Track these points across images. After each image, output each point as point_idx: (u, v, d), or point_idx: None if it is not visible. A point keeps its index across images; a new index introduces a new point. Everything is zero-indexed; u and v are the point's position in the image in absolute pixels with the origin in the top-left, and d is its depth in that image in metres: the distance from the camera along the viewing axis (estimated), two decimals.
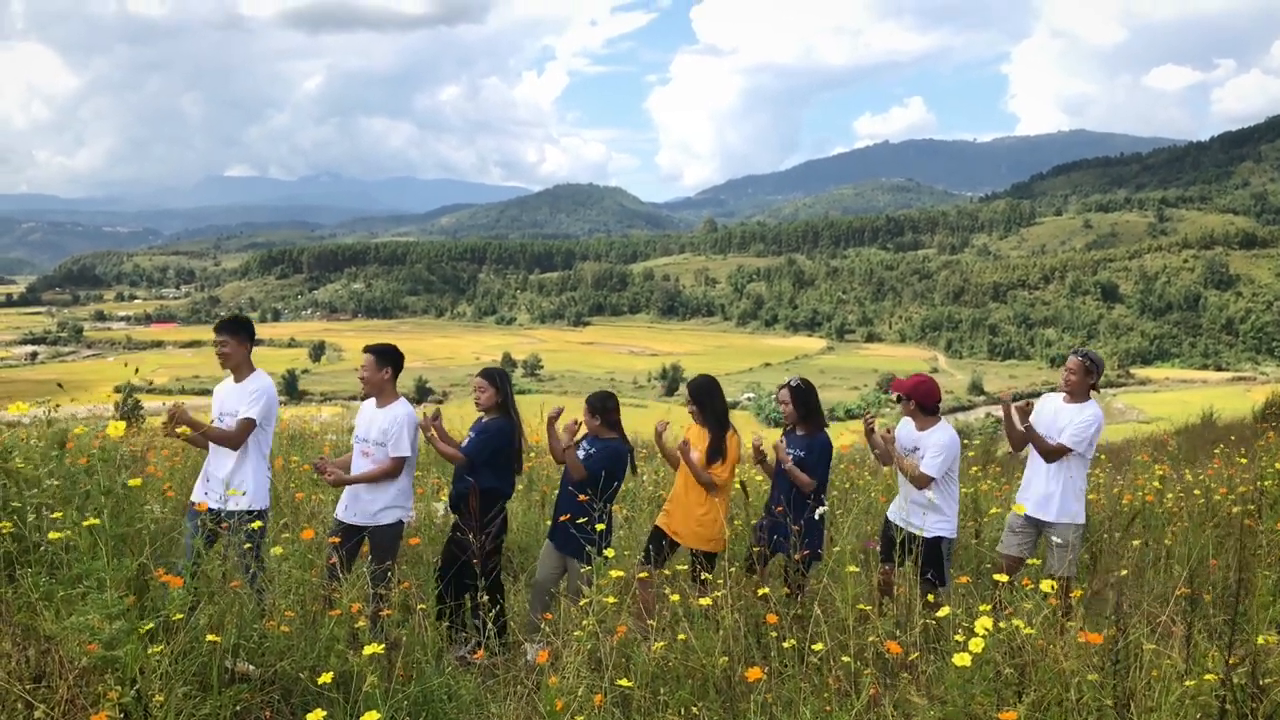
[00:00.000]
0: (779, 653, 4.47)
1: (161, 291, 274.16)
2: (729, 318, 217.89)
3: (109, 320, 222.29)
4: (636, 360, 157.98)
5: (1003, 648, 3.91)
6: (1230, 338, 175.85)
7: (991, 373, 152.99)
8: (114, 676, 3.63)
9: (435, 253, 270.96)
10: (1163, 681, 3.52)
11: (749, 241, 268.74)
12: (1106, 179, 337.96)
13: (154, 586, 4.27)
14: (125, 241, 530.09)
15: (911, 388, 6.42)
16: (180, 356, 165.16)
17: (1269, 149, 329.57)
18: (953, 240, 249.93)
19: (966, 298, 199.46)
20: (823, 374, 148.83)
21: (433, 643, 5.25)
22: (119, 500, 4.45)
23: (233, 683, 4.29)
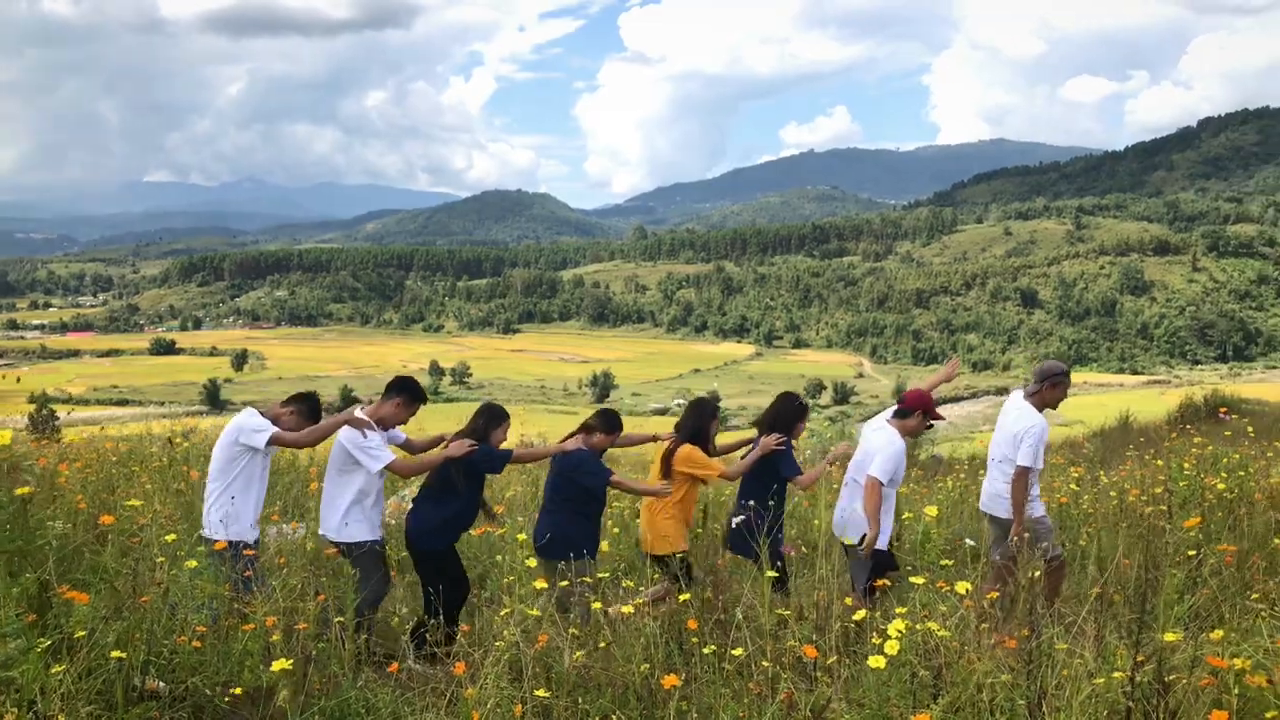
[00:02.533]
0: (699, 659, 4.46)
1: (78, 299, 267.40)
2: (659, 324, 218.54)
3: (22, 329, 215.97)
4: (567, 367, 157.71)
5: (919, 650, 3.96)
6: (1145, 342, 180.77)
7: (915, 378, 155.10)
8: (11, 698, 3.50)
9: (361, 259, 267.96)
10: (1073, 680, 3.57)
11: (678, 249, 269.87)
12: (1026, 187, 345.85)
13: (57, 603, 4.14)
14: (40, 248, 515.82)
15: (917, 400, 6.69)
16: (98, 366, 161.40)
17: (1180, 159, 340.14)
18: (877, 248, 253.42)
19: (891, 304, 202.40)
20: (751, 380, 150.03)
21: (350, 655, 5.16)
22: (11, 515, 4.30)
23: (141, 700, 4.17)
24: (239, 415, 6.07)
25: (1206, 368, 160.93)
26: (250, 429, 5.88)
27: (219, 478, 5.90)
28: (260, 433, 5.86)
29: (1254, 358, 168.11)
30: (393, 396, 6.29)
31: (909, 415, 6.59)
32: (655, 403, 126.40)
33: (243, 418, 6.01)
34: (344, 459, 6.08)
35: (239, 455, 5.89)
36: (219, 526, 5.80)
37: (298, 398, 6.29)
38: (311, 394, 6.44)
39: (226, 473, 5.89)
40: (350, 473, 6.06)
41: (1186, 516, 6.81)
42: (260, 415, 6.01)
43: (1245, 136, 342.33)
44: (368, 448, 5.95)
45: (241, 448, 5.89)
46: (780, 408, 6.82)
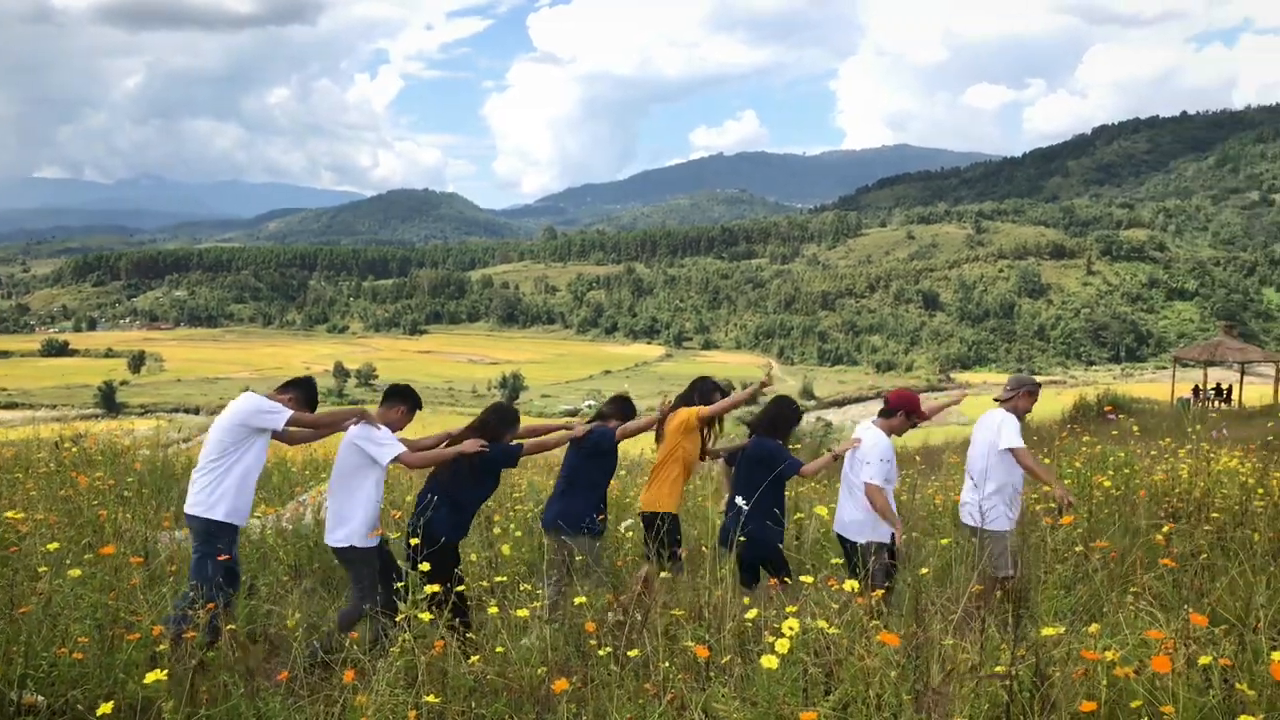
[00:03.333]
0: (596, 661, 4.46)
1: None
2: (569, 326, 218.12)
3: None
4: (476, 369, 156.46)
5: (812, 648, 4.00)
6: (1042, 343, 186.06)
7: (821, 378, 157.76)
8: None
9: (263, 259, 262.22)
10: (958, 675, 3.65)
11: (589, 250, 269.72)
12: (928, 192, 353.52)
13: None
14: None
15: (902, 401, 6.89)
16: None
17: (1075, 165, 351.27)
18: (784, 250, 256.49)
19: (797, 306, 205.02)
20: (662, 381, 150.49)
21: (240, 664, 5.05)
22: None
23: (18, 716, 4.03)
24: (243, 399, 6.00)
25: (1100, 368, 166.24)
26: (265, 411, 5.86)
27: (218, 459, 5.84)
28: (277, 414, 5.85)
29: (1145, 358, 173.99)
30: (395, 404, 6.32)
31: (893, 415, 6.78)
32: (565, 404, 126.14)
33: (251, 400, 5.96)
34: (353, 459, 6.07)
35: (244, 438, 5.86)
36: (211, 506, 5.77)
37: (294, 384, 6.28)
38: (308, 378, 6.41)
39: (227, 455, 5.84)
40: (359, 476, 6.04)
41: (1070, 514, 7.01)
42: (260, 396, 5.99)
43: (1137, 145, 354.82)
44: (379, 439, 6.00)
45: (247, 429, 5.85)
46: (777, 412, 7.05)
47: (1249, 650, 3.56)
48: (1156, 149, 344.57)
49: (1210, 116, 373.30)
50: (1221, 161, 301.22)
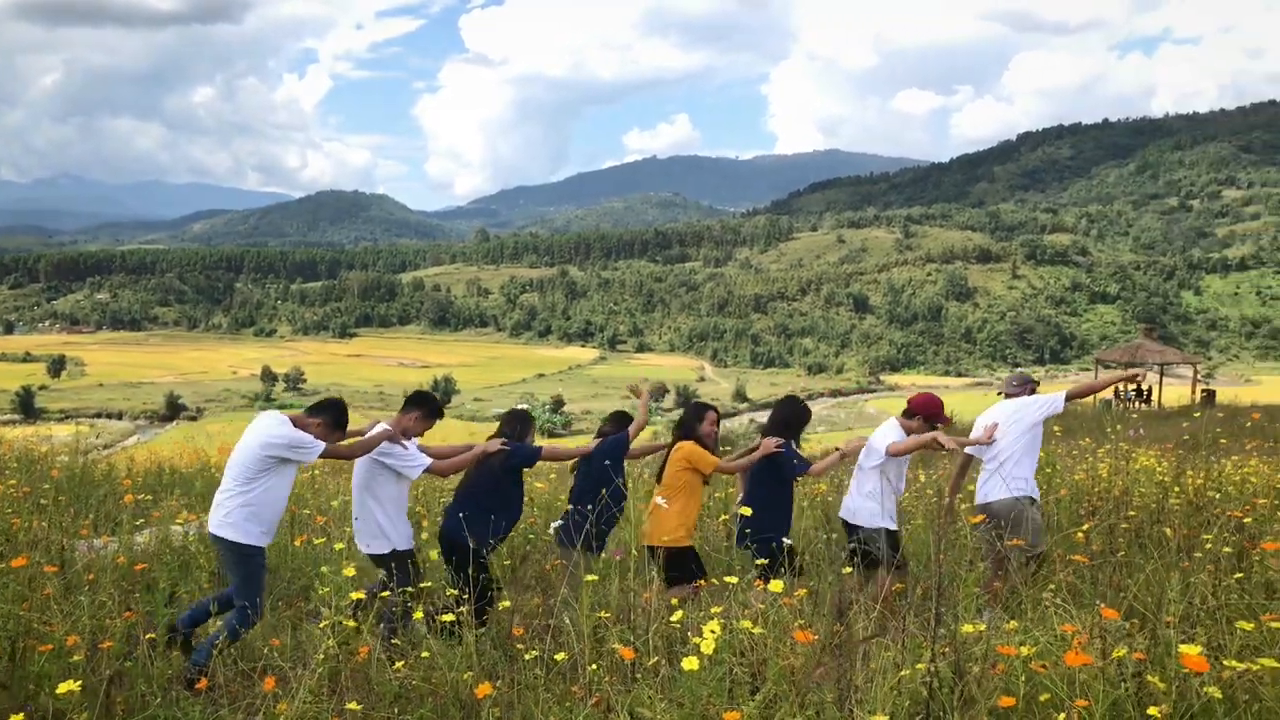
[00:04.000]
0: (523, 665, 4.44)
1: None
2: (502, 329, 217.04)
3: None
4: (407, 373, 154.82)
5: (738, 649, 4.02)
6: (969, 346, 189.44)
7: (754, 380, 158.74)
8: None
9: (188, 261, 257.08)
10: (880, 672, 3.69)
11: (522, 252, 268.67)
12: (858, 196, 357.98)
13: None
14: None
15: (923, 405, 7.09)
16: None
17: (1001, 171, 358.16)
18: (717, 254, 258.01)
19: (730, 309, 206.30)
20: (596, 384, 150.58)
21: (160, 673, 4.94)
22: None
23: None
24: (270, 423, 5.86)
25: (1025, 371, 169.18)
26: (297, 446, 5.75)
27: (243, 483, 5.75)
28: (309, 450, 5.77)
29: (1069, 360, 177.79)
30: (411, 410, 6.33)
31: (913, 417, 6.99)
32: (499, 408, 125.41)
33: (283, 429, 5.80)
34: (375, 470, 6.17)
35: (271, 466, 5.76)
36: (237, 529, 5.70)
37: (324, 407, 6.17)
38: (338, 401, 6.32)
39: (252, 480, 5.75)
40: (385, 486, 6.18)
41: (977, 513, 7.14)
42: (291, 424, 5.84)
43: (1060, 151, 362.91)
44: (404, 457, 6.12)
45: (275, 460, 5.75)
46: (789, 412, 7.12)
47: (1161, 644, 3.65)
48: (1079, 155, 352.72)
49: (1131, 124, 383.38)
50: (1142, 168, 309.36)
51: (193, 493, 10.62)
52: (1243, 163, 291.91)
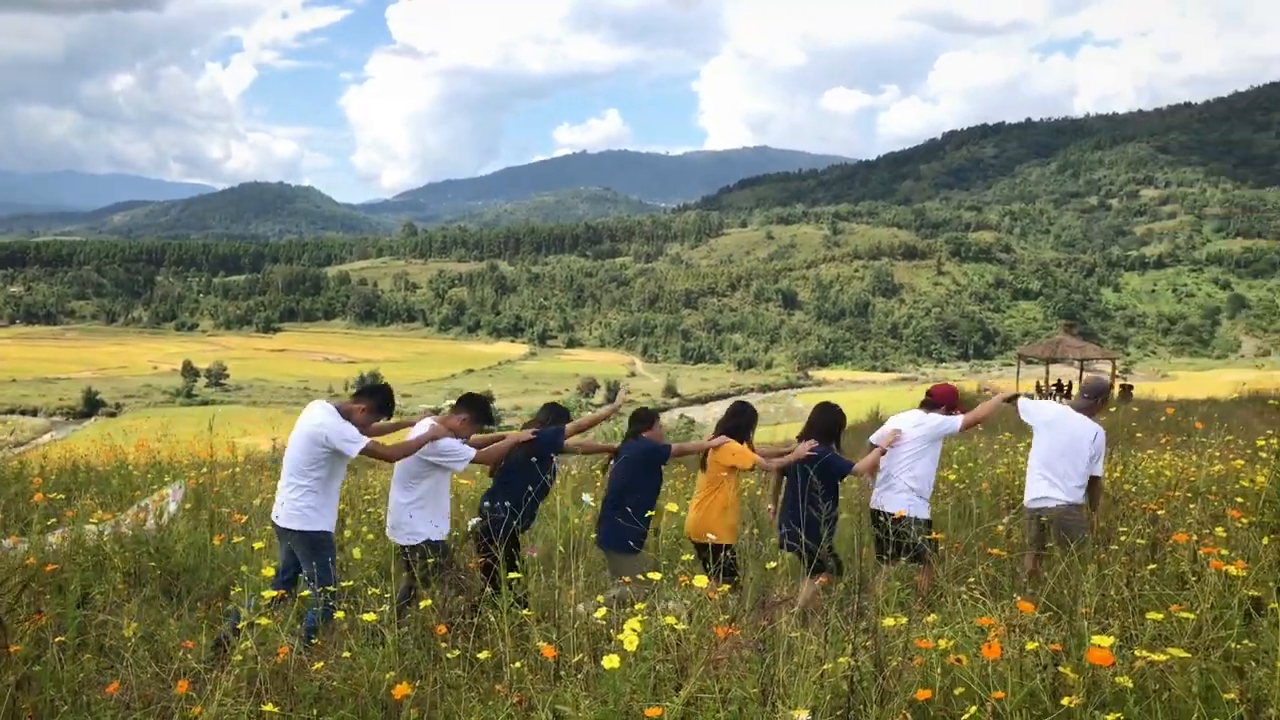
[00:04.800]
0: (446, 664, 4.39)
1: None
2: (430, 324, 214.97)
3: None
4: (332, 368, 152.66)
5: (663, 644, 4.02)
6: (895, 341, 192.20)
7: (684, 376, 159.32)
8: None
9: (107, 253, 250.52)
10: (803, 666, 3.71)
11: (450, 246, 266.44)
12: (786, 193, 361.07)
13: None
14: None
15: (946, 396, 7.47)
16: None
17: (926, 169, 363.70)
18: (648, 249, 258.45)
19: (661, 304, 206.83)
20: (526, 379, 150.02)
21: (70, 678, 4.80)
22: None
23: None
24: (319, 414, 6.04)
25: (950, 365, 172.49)
26: (341, 438, 5.89)
27: (299, 474, 5.96)
28: (353, 444, 5.90)
29: (992, 355, 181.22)
30: (461, 412, 6.60)
31: (937, 408, 7.31)
32: (426, 404, 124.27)
33: (329, 419, 5.98)
34: (417, 464, 6.35)
35: (323, 455, 5.94)
36: (304, 518, 5.89)
37: (369, 392, 6.40)
38: (384, 387, 6.55)
39: (307, 471, 5.94)
40: (428, 480, 6.38)
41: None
42: (339, 414, 6.03)
43: (984, 150, 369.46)
44: (449, 452, 6.31)
45: (326, 450, 5.92)
46: (828, 419, 7.31)
47: (1076, 635, 3.71)
48: (1003, 154, 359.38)
49: (1053, 124, 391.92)
50: (1063, 167, 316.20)
51: (109, 491, 10.35)
52: (1160, 163, 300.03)
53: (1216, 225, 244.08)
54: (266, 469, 12.60)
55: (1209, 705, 3.19)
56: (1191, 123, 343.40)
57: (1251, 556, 4.62)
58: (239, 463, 11.73)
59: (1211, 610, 3.93)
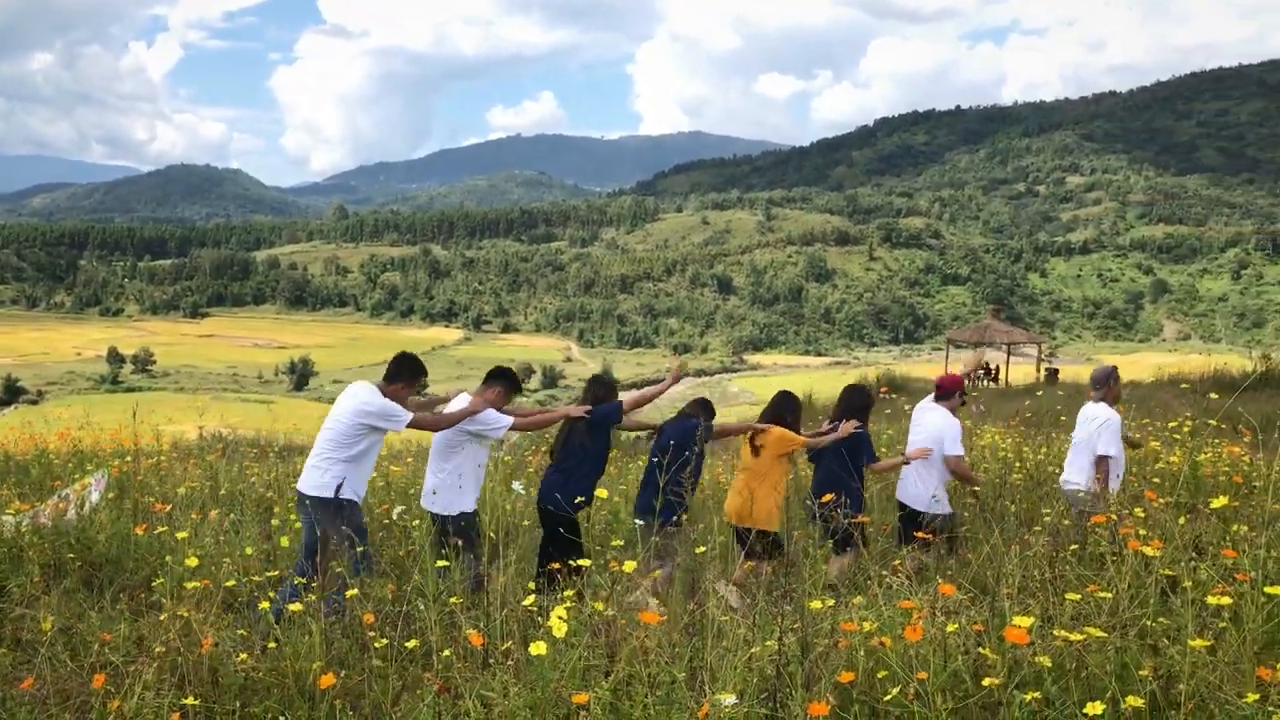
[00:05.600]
0: (373, 653, 4.35)
1: None
2: (362, 309, 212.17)
3: None
4: (262, 354, 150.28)
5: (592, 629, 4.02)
6: (828, 326, 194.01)
7: (620, 360, 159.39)
8: None
9: (26, 236, 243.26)
10: (731, 650, 3.73)
11: (382, 230, 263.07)
12: (721, 179, 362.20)
13: None
14: None
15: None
16: None
17: (859, 155, 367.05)
18: (584, 234, 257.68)
19: (597, 289, 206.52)
20: (460, 364, 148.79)
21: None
22: None
23: None
24: (362, 391, 6.30)
25: (881, 350, 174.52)
26: (387, 413, 6.14)
27: (336, 448, 6.15)
28: (399, 419, 6.16)
29: (922, 340, 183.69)
30: (494, 385, 6.85)
31: (951, 396, 7.79)
32: None
33: (374, 398, 6.21)
34: (457, 436, 6.60)
35: (364, 433, 6.16)
36: (329, 486, 6.05)
37: (400, 370, 6.60)
38: (414, 360, 6.80)
39: (345, 445, 6.14)
40: (464, 451, 6.62)
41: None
42: (381, 393, 6.27)
43: (915, 137, 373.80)
44: (487, 422, 6.53)
45: (366, 427, 6.15)
46: (860, 401, 7.73)
47: (999, 616, 3.78)
48: (933, 141, 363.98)
49: (982, 111, 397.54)
50: (992, 155, 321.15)
51: (28, 481, 10.10)
52: (1085, 150, 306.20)
53: (1140, 212, 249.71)
54: (193, 456, 12.38)
55: (1123, 682, 3.24)
56: (1116, 111, 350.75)
57: (1167, 536, 4.74)
58: (164, 451, 11.51)
59: (1129, 590, 4.03)
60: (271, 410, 26.14)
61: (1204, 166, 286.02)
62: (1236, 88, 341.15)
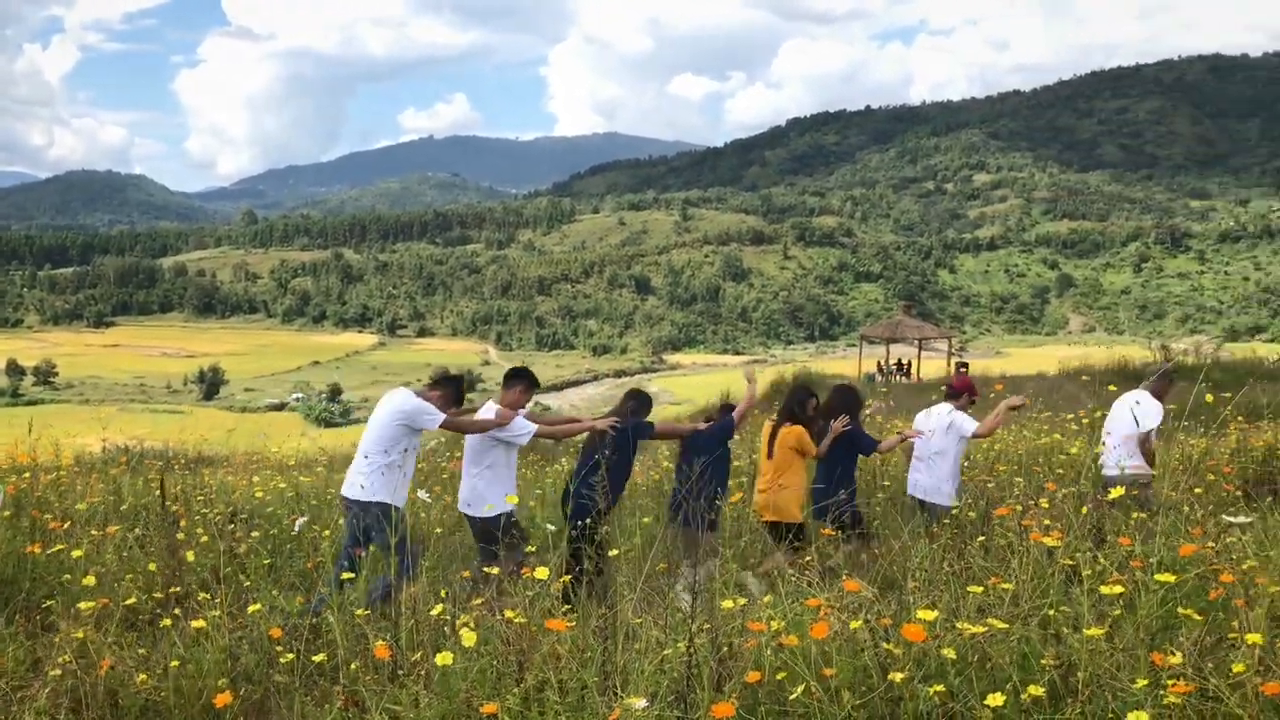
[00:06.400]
0: (280, 667, 4.25)
1: None
2: (273, 315, 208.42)
3: None
4: (170, 363, 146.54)
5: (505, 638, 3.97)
6: (746, 325, 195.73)
7: (540, 363, 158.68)
8: None
9: None
10: (643, 653, 3.72)
11: (293, 235, 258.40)
12: (637, 179, 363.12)
13: None
14: None
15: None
16: None
17: (772, 155, 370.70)
18: (500, 236, 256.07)
19: (514, 291, 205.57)
20: (375, 370, 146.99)
21: None
22: None
23: None
24: (401, 397, 6.58)
25: (798, 347, 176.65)
26: (423, 412, 6.42)
27: (380, 452, 6.38)
28: (433, 417, 6.43)
29: (837, 337, 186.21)
30: (514, 385, 7.10)
31: (960, 395, 8.22)
32: (271, 398, 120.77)
33: (410, 401, 6.49)
34: (484, 444, 6.89)
35: (402, 434, 6.39)
36: (379, 494, 6.28)
37: (443, 382, 6.96)
38: (457, 377, 7.27)
39: (391, 448, 6.37)
40: (496, 455, 6.87)
41: (744, 490, 7.37)
42: (418, 397, 6.57)
43: (826, 137, 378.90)
44: (512, 428, 6.78)
45: (405, 429, 6.40)
46: (849, 400, 7.89)
47: (905, 610, 3.82)
48: (844, 141, 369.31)
49: (891, 111, 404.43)
50: (901, 154, 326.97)
51: None
52: (991, 149, 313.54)
53: (1044, 208, 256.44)
54: (96, 470, 12.01)
55: (1025, 672, 3.30)
56: (1020, 109, 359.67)
57: (1069, 526, 4.84)
58: (65, 466, 11.14)
59: (1031, 580, 4.11)
60: (181, 420, 25.66)
61: (1105, 163, 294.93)
62: (1134, 87, 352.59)
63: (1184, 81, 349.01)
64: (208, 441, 16.90)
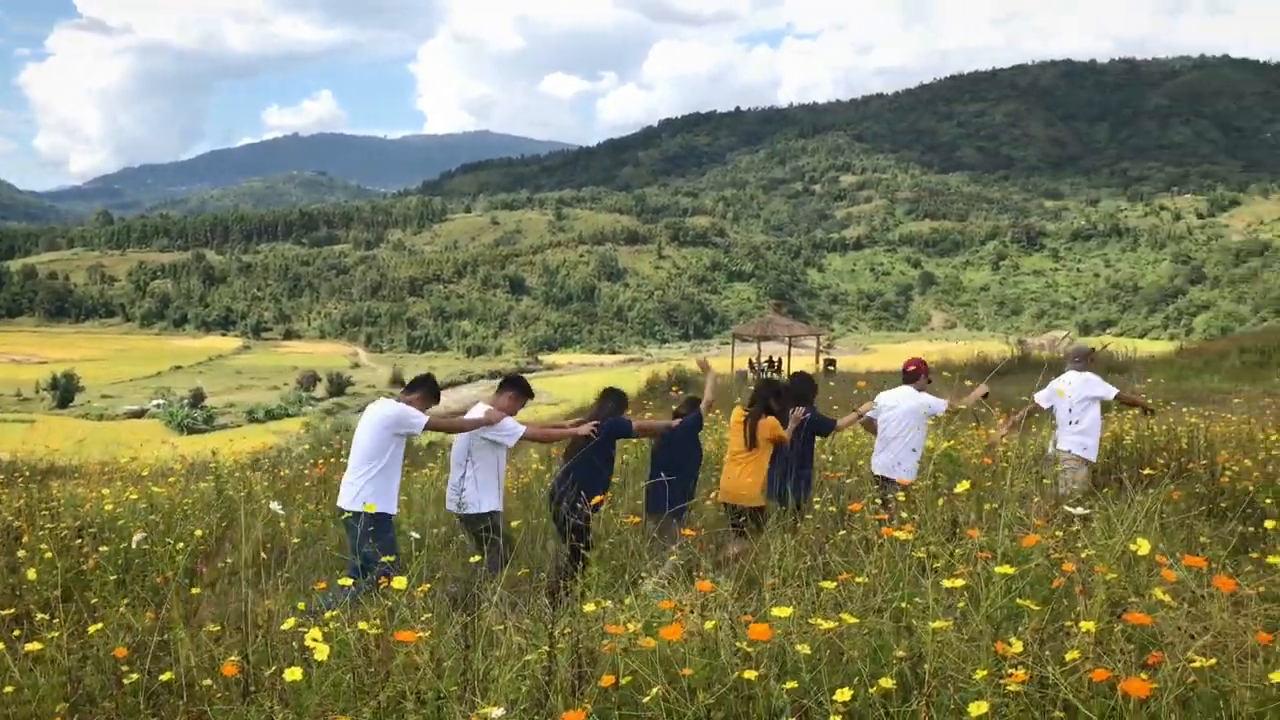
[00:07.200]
0: (127, 688, 4.07)
1: None
2: (131, 318, 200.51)
3: None
4: (21, 370, 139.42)
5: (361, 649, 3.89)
6: (621, 324, 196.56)
7: (412, 365, 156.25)
8: None
9: None
10: (503, 660, 3.68)
11: (151, 235, 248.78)
12: (510, 178, 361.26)
13: None
14: None
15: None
16: None
17: (645, 155, 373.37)
18: (368, 236, 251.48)
19: (384, 292, 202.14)
20: (240, 374, 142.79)
21: None
22: None
23: None
24: (385, 405, 6.80)
25: (673, 346, 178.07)
26: (408, 417, 6.65)
27: (369, 460, 6.62)
28: (418, 420, 6.66)
29: (711, 335, 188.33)
30: (506, 391, 7.29)
31: (917, 378, 8.41)
32: (130, 404, 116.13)
33: (394, 408, 6.72)
34: (472, 444, 7.03)
35: (389, 441, 6.61)
36: (370, 499, 6.42)
37: (419, 383, 7.13)
38: (429, 376, 7.35)
39: (378, 456, 6.60)
40: (479, 454, 7.00)
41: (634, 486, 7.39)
42: (401, 404, 6.78)
43: (698, 138, 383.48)
44: (500, 430, 6.99)
45: (393, 435, 6.62)
46: (805, 387, 8.37)
47: (763, 608, 3.87)
48: (715, 142, 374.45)
49: (760, 113, 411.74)
50: (771, 155, 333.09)
51: None
52: (856, 150, 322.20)
53: (907, 208, 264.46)
54: None
55: (877, 665, 3.37)
56: (884, 112, 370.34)
57: (924, 520, 4.98)
58: None
59: (885, 574, 4.21)
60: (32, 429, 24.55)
61: (964, 165, 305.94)
62: (991, 90, 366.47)
63: (1038, 86, 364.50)
64: (58, 452, 16.20)
